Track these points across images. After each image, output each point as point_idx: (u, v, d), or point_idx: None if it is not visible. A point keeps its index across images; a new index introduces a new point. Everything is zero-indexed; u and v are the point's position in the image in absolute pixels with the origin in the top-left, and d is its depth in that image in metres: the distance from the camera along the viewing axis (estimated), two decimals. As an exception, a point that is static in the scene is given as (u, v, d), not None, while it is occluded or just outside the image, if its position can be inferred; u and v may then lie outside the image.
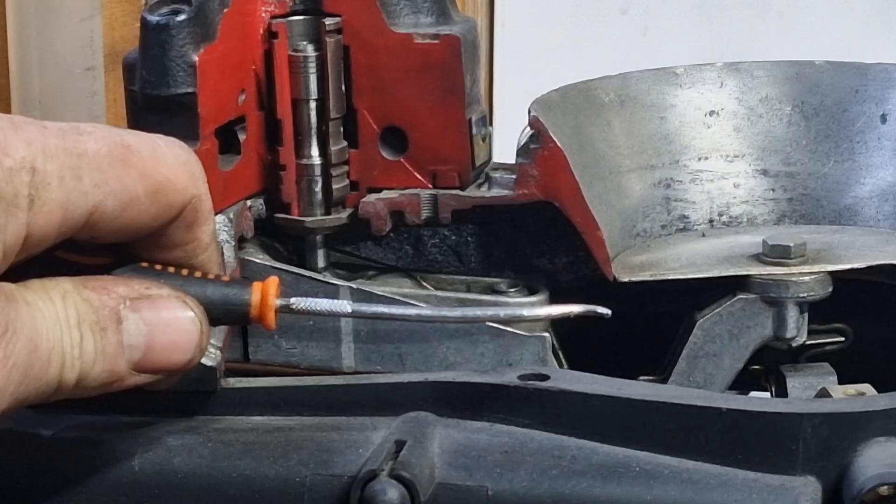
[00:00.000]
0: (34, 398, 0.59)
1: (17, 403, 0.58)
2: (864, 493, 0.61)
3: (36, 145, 0.58)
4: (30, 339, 0.58)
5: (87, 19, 1.76)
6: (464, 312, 0.68)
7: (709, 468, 0.65)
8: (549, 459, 0.66)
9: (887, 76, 0.90)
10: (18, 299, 0.58)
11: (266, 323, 0.65)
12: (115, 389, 0.62)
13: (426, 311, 0.69)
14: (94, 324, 0.60)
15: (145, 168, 0.61)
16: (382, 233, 0.84)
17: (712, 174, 0.91)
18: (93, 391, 0.61)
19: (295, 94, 0.82)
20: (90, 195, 0.59)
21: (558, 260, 0.84)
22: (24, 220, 0.57)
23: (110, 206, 0.60)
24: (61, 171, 0.58)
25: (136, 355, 0.62)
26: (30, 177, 0.57)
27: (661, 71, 0.92)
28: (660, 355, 0.84)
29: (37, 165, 0.58)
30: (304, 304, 0.66)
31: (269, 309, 0.65)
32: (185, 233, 0.64)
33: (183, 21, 0.76)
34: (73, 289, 0.60)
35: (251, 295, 0.65)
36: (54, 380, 0.59)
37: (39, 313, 0.59)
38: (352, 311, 0.67)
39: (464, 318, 0.68)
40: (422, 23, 0.83)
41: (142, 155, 0.61)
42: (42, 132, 0.58)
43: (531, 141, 0.80)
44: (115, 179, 0.60)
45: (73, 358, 0.59)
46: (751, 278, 0.80)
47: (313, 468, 0.67)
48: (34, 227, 0.58)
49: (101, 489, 0.69)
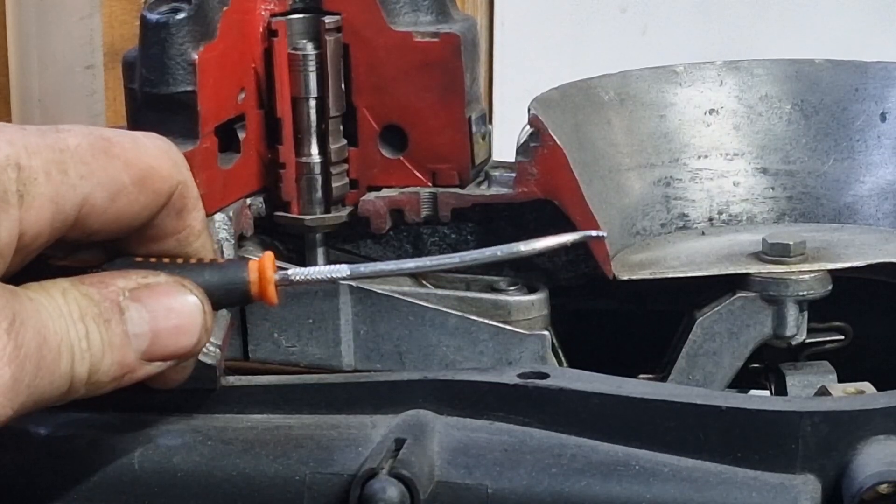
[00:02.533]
0: (50, 394, 0.59)
1: (34, 399, 0.58)
2: (864, 492, 0.61)
3: (18, 144, 0.59)
4: (38, 331, 0.58)
5: (86, 17, 1.76)
6: (462, 257, 0.68)
7: (708, 466, 0.65)
8: (548, 458, 0.66)
9: (887, 74, 0.90)
10: (21, 295, 0.58)
11: (268, 298, 0.65)
12: (127, 382, 0.62)
13: (425, 262, 0.69)
14: (97, 316, 0.60)
15: (128, 157, 0.62)
16: (382, 231, 0.84)
17: (712, 172, 0.91)
18: (106, 386, 0.61)
19: (294, 92, 0.82)
20: (78, 187, 0.60)
21: (558, 258, 0.84)
22: (16, 216, 0.58)
23: (99, 197, 0.61)
24: (46, 167, 0.59)
25: (143, 344, 0.62)
26: (16, 173, 0.58)
27: (660, 69, 0.92)
28: (659, 353, 0.84)
29: (21, 162, 0.58)
30: (302, 275, 0.67)
31: (268, 283, 0.65)
32: (175, 221, 0.64)
33: (182, 19, 0.76)
34: (71, 286, 0.61)
35: (249, 273, 0.65)
36: (67, 373, 0.59)
37: (43, 307, 0.59)
38: (350, 273, 0.67)
39: (462, 262, 0.67)
40: (421, 21, 0.83)
41: (123, 146, 0.62)
42: (21, 132, 0.59)
43: (531, 139, 0.80)
44: (100, 170, 0.61)
45: (82, 350, 0.60)
46: (750, 276, 0.80)
47: (313, 466, 0.67)
48: (27, 224, 0.58)
49: (100, 487, 0.69)
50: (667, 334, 0.84)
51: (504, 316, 0.80)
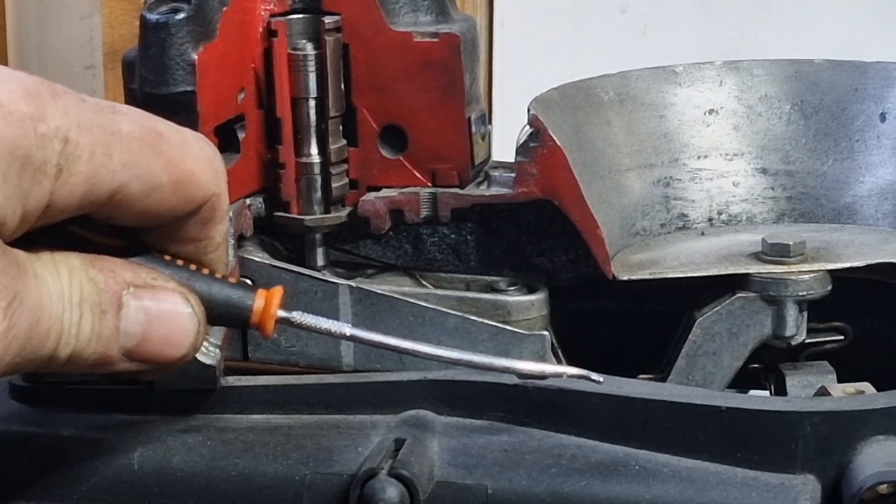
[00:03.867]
0: (25, 368, 0.59)
1: (8, 371, 0.58)
2: (864, 492, 0.61)
3: (72, 116, 0.58)
4: (33, 311, 0.58)
5: (86, 18, 1.76)
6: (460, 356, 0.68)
7: (708, 466, 0.65)
8: (548, 458, 0.66)
9: (886, 75, 0.90)
10: (28, 270, 0.58)
11: (264, 331, 0.65)
12: (100, 371, 0.62)
13: (424, 349, 0.68)
14: (95, 305, 0.60)
15: (173, 157, 0.61)
16: (382, 231, 0.84)
17: (711, 173, 0.91)
18: (81, 369, 0.62)
19: (294, 92, 0.82)
20: (117, 174, 0.59)
21: (557, 258, 0.84)
22: (48, 188, 0.57)
23: (134, 189, 0.60)
24: (93, 146, 0.58)
25: (130, 343, 0.62)
26: (62, 146, 0.58)
27: (660, 69, 0.92)
28: (659, 354, 0.84)
29: (70, 136, 0.58)
30: (304, 320, 0.66)
31: (269, 318, 0.65)
32: (199, 229, 0.64)
33: (182, 19, 0.76)
34: (80, 266, 0.61)
35: (255, 301, 0.65)
36: (48, 354, 0.59)
37: (46, 287, 0.59)
38: (350, 335, 0.67)
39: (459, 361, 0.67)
40: (421, 21, 0.83)
41: (171, 144, 0.61)
42: (80, 105, 0.59)
43: (530, 139, 0.80)
44: (143, 163, 0.60)
45: (70, 336, 0.60)
46: (750, 277, 0.80)
47: (313, 466, 0.67)
48: (57, 197, 0.58)
49: (100, 487, 0.69)
50: (666, 334, 0.84)
51: (504, 316, 0.80)
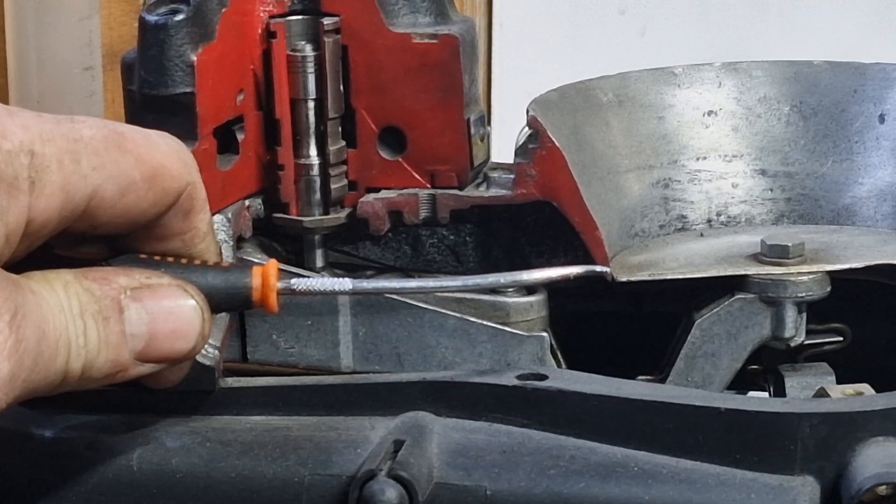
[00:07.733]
0: (42, 388, 0.59)
1: (26, 393, 0.58)
2: (863, 493, 0.61)
3: (33, 130, 0.59)
4: (38, 325, 0.58)
5: (85, 19, 1.76)
6: (464, 281, 0.68)
7: (707, 468, 0.65)
8: (547, 459, 0.66)
9: (885, 76, 0.90)
10: (24, 287, 0.58)
11: (269, 306, 0.65)
12: (118, 381, 0.62)
13: (428, 283, 0.69)
14: (96, 313, 0.60)
15: (140, 153, 0.62)
16: (381, 232, 0.84)
17: (710, 174, 0.91)
18: (97, 382, 0.61)
19: (293, 93, 0.82)
20: (89, 178, 0.60)
21: (556, 260, 0.84)
22: (25, 202, 0.58)
23: (109, 190, 0.61)
24: (59, 155, 0.59)
25: (138, 344, 0.62)
26: (29, 159, 0.58)
27: (659, 71, 0.92)
28: (658, 355, 0.84)
29: (35, 149, 0.58)
30: (305, 285, 0.66)
31: (270, 291, 0.65)
32: (182, 222, 0.64)
33: (181, 21, 0.76)
34: (74, 279, 0.61)
35: (252, 279, 0.65)
36: (61, 369, 0.59)
37: (45, 301, 0.59)
38: (353, 287, 0.67)
39: (464, 287, 0.68)
40: (420, 22, 0.83)
41: (136, 142, 0.62)
42: (37, 118, 0.59)
43: (529, 141, 0.80)
44: (112, 163, 0.61)
45: (79, 347, 0.60)
46: (749, 278, 0.80)
47: (311, 468, 0.67)
48: (36, 211, 0.58)
49: (99, 489, 0.69)
50: (665, 336, 0.84)
51: (503, 317, 0.80)
